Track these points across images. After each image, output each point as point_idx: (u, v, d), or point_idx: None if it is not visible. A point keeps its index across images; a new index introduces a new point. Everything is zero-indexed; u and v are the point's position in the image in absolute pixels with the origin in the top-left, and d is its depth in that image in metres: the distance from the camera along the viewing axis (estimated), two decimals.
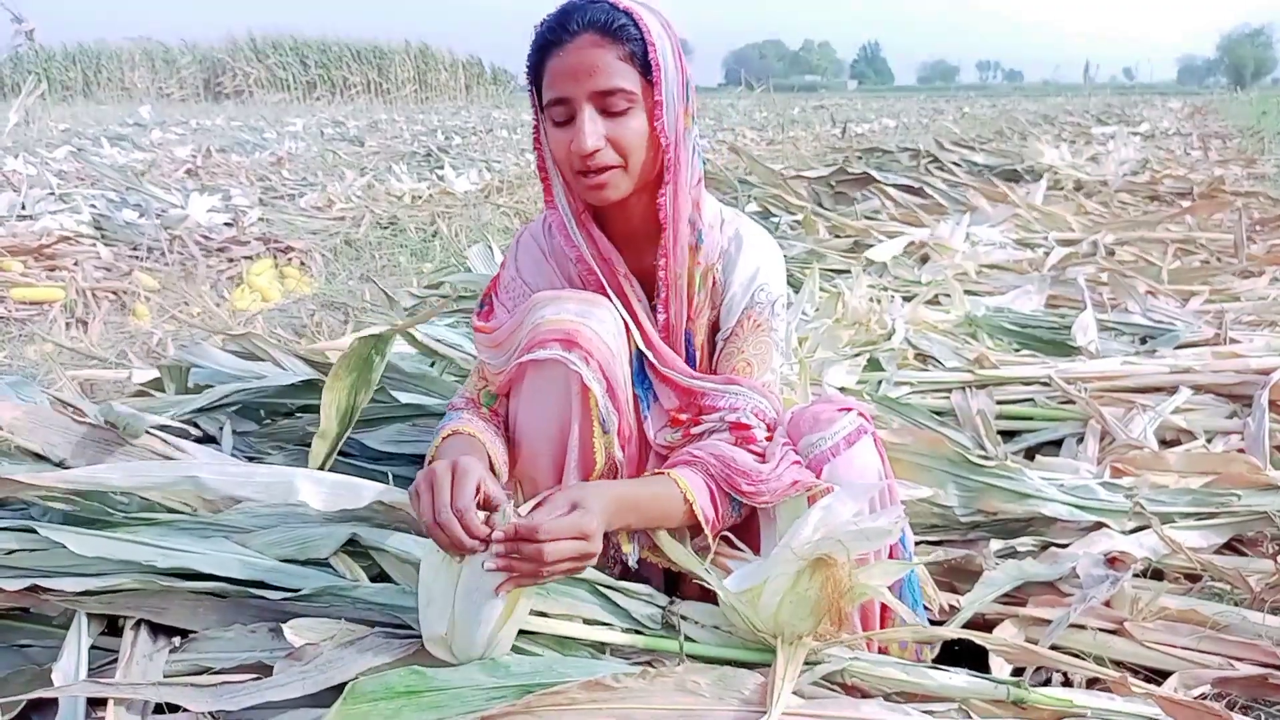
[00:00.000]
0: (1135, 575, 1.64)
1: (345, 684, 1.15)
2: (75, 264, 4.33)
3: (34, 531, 1.38)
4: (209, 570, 1.34)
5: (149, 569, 1.34)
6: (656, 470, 1.38)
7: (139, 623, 1.34)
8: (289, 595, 1.32)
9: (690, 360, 1.46)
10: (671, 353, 1.43)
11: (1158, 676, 1.45)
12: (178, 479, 1.40)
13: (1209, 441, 2.21)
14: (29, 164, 7.21)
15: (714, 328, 1.46)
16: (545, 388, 1.36)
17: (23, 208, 5.37)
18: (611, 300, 1.40)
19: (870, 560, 1.30)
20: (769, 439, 1.42)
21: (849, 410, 1.38)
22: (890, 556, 1.37)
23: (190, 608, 1.35)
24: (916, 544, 1.75)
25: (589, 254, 1.40)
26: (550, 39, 1.28)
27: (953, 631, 1.36)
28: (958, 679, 1.21)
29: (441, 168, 8.35)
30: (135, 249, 4.73)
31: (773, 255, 1.46)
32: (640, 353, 1.42)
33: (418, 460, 1.97)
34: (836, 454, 1.34)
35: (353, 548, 1.40)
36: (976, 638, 1.34)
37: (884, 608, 1.41)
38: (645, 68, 1.28)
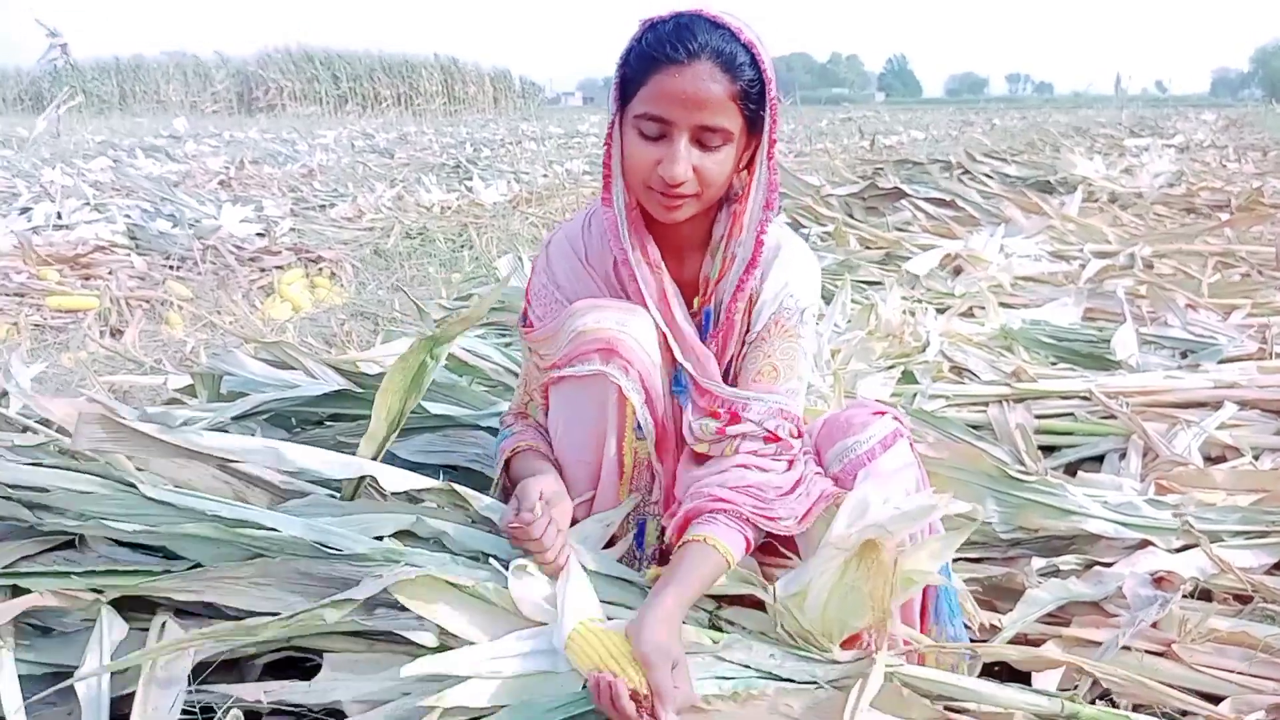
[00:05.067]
0: (1183, 596, 1.59)
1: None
2: (110, 273, 4.38)
3: (104, 476, 1.42)
4: (271, 525, 1.35)
5: (214, 518, 1.36)
6: (692, 537, 1.29)
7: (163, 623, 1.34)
8: (343, 555, 1.32)
9: (725, 372, 1.44)
10: (712, 362, 1.41)
11: (1208, 701, 1.40)
12: (261, 448, 1.47)
13: (1256, 458, 2.15)
14: (66, 175, 7.31)
15: (746, 329, 1.44)
16: (581, 397, 1.36)
17: (59, 217, 5.44)
18: (650, 308, 1.38)
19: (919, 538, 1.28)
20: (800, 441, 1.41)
21: (883, 414, 1.35)
22: None
23: (230, 589, 1.32)
24: (956, 561, 1.71)
25: (635, 258, 1.38)
26: (668, 54, 1.23)
27: (995, 648, 1.33)
28: (1009, 691, 1.19)
29: (470, 179, 8.39)
30: (168, 258, 4.77)
31: (807, 267, 1.44)
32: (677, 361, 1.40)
33: (447, 470, 1.96)
34: (872, 458, 1.32)
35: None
36: (1018, 652, 1.31)
37: (923, 612, 1.39)
38: (747, 104, 1.26)
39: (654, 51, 1.24)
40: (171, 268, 4.66)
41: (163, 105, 32.13)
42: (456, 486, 1.42)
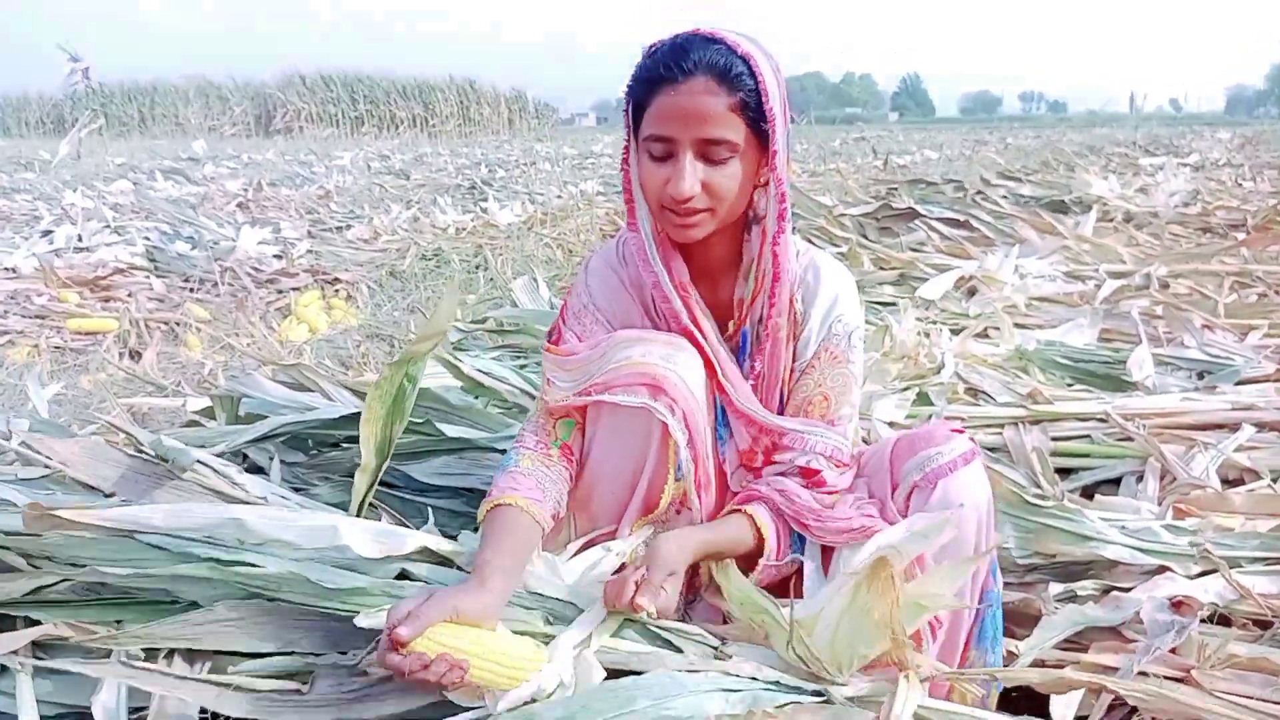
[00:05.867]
0: (1201, 621, 1.57)
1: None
2: (129, 295, 4.44)
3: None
4: (268, 567, 1.33)
5: (209, 560, 1.34)
6: (732, 508, 1.40)
7: (171, 652, 1.33)
8: (341, 590, 1.30)
9: (782, 398, 1.44)
10: (747, 388, 1.41)
11: None
12: (222, 521, 1.39)
13: (1275, 481, 2.13)
14: (87, 197, 7.41)
15: (794, 356, 1.44)
16: (624, 430, 1.36)
17: (80, 240, 5.53)
18: (692, 333, 1.38)
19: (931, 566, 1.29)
20: (845, 472, 1.42)
21: (961, 433, 1.38)
22: (982, 593, 1.37)
23: (232, 631, 1.33)
24: None
25: (666, 282, 1.38)
26: (663, 74, 1.25)
27: (1017, 672, 1.32)
28: None
29: (485, 200, 8.44)
30: (187, 280, 4.83)
31: (849, 285, 1.45)
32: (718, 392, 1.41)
33: (463, 493, 1.97)
34: (954, 469, 1.33)
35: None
36: (1038, 675, 1.30)
37: (965, 647, 1.39)
38: (752, 115, 1.26)
39: (652, 74, 1.26)
40: (190, 289, 4.71)
41: (182, 128, 32.57)
42: (431, 547, 1.39)
